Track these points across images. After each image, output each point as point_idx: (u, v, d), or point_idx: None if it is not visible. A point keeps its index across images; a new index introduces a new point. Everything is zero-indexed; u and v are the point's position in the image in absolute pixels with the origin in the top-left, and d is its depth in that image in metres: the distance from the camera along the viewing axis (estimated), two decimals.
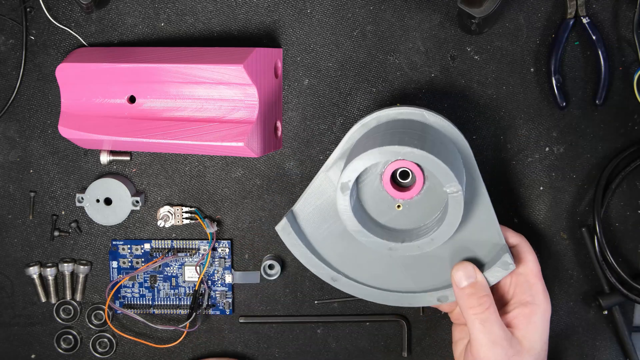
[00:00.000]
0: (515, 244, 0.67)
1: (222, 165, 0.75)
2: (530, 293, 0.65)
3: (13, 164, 0.75)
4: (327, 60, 0.72)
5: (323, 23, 0.72)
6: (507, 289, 0.67)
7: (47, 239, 0.76)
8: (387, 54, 0.72)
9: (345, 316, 0.77)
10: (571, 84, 0.72)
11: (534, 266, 0.66)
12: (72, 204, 0.76)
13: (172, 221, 0.75)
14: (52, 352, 0.78)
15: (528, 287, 0.65)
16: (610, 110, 0.72)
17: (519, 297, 0.65)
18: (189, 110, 0.68)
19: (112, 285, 0.76)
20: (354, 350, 0.78)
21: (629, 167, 0.72)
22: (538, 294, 0.65)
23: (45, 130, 0.74)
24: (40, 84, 0.73)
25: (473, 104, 0.72)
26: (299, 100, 0.73)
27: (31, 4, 0.72)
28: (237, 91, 0.67)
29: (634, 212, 0.74)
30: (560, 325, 0.76)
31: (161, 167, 0.75)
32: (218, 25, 0.72)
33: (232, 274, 0.76)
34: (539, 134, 0.73)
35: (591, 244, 0.73)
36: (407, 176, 0.63)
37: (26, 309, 0.78)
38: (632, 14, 0.70)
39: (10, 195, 0.75)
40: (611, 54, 0.71)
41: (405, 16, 0.71)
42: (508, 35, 0.71)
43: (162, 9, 0.72)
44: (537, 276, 0.66)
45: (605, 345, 0.76)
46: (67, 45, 0.73)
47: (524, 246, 0.67)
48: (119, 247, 0.76)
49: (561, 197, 0.74)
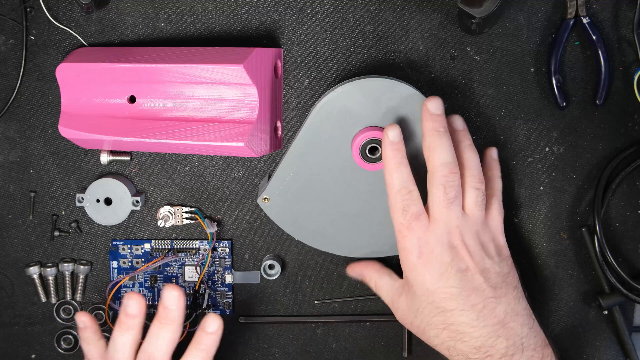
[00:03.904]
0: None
1: (222, 165, 0.75)
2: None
3: (13, 164, 0.75)
4: (327, 60, 0.72)
5: (323, 23, 0.72)
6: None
7: (47, 239, 0.76)
8: (387, 54, 0.72)
9: (345, 316, 0.77)
10: (571, 84, 0.72)
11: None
12: (72, 204, 0.76)
13: (172, 221, 0.75)
14: (52, 352, 0.78)
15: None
16: (610, 110, 0.72)
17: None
18: (189, 110, 0.68)
19: (112, 285, 0.76)
20: (354, 350, 0.78)
21: (629, 167, 0.72)
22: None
23: (45, 130, 0.74)
24: (40, 84, 0.73)
25: (473, 104, 0.73)
26: (299, 100, 0.73)
27: (31, 4, 0.72)
28: (237, 91, 0.67)
29: (634, 212, 0.74)
30: (560, 325, 0.76)
31: (161, 167, 0.75)
32: (218, 25, 0.72)
33: (232, 274, 0.76)
34: (539, 134, 0.73)
35: (591, 244, 0.73)
36: (376, 151, 0.67)
37: (26, 309, 0.78)
38: (632, 14, 0.70)
39: (10, 195, 0.75)
40: (611, 54, 0.71)
41: (405, 16, 0.71)
42: (508, 35, 0.71)
43: (162, 9, 0.72)
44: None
45: (605, 345, 0.76)
46: (67, 45, 0.73)
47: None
48: (119, 247, 0.76)
49: (561, 197, 0.74)
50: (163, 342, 0.64)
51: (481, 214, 0.66)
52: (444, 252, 0.63)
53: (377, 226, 0.71)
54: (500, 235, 0.68)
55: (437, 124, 0.64)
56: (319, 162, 0.68)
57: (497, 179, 0.70)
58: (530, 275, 0.75)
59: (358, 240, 0.71)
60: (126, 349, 0.64)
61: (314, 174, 0.69)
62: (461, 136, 0.67)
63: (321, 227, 0.71)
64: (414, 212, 0.64)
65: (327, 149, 0.68)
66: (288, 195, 0.69)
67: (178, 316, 0.64)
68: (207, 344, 0.65)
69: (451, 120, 0.68)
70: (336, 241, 0.72)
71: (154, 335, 0.64)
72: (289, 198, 0.70)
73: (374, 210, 0.70)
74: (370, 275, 0.71)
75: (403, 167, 0.64)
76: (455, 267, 0.63)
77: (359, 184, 0.69)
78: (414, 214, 0.64)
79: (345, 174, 0.69)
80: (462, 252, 0.64)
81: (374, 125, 0.66)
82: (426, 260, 0.64)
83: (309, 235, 0.72)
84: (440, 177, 0.63)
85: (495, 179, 0.70)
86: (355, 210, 0.70)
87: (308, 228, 0.71)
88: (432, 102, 0.64)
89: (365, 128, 0.66)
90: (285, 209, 0.70)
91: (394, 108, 0.66)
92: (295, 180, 0.69)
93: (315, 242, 0.72)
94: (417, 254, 0.64)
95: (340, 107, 0.66)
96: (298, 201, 0.70)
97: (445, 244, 0.63)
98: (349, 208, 0.70)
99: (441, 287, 0.63)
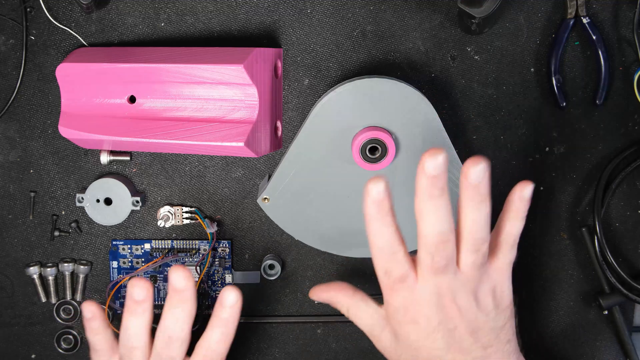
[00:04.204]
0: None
1: (222, 165, 0.75)
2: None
3: (13, 164, 0.75)
4: (327, 60, 0.72)
5: (323, 23, 0.72)
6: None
7: (47, 239, 0.76)
8: (387, 54, 0.72)
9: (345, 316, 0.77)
10: (571, 84, 0.72)
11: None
12: (72, 204, 0.76)
13: (172, 221, 0.75)
14: (52, 352, 0.78)
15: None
16: (610, 110, 0.72)
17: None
18: (189, 110, 0.68)
19: (112, 285, 0.76)
20: (354, 350, 0.78)
21: (629, 167, 0.72)
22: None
23: (45, 130, 0.74)
24: (40, 84, 0.73)
25: (473, 104, 0.73)
26: (299, 100, 0.73)
27: (31, 4, 0.72)
28: (237, 91, 0.67)
29: (634, 212, 0.74)
30: (560, 325, 0.76)
31: (161, 167, 0.75)
32: (218, 25, 0.72)
33: (232, 274, 0.76)
34: (539, 134, 0.73)
35: (591, 244, 0.73)
36: (376, 151, 0.66)
37: (26, 309, 0.78)
38: (632, 14, 0.70)
39: (10, 195, 0.75)
40: (611, 54, 0.71)
41: (405, 16, 0.71)
42: (508, 35, 0.71)
43: (162, 9, 0.72)
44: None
45: (605, 345, 0.76)
46: (67, 45, 0.73)
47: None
48: (119, 247, 0.76)
49: (561, 197, 0.74)
50: (180, 321, 0.61)
51: (480, 272, 0.59)
52: (431, 314, 0.58)
53: None
54: (505, 282, 0.61)
55: (432, 187, 0.55)
56: (319, 162, 0.68)
57: (517, 223, 0.60)
58: (530, 275, 0.75)
59: (358, 240, 0.71)
60: (141, 334, 0.62)
61: (314, 174, 0.69)
62: (472, 193, 0.56)
63: (321, 227, 0.71)
64: (398, 276, 0.58)
65: (327, 149, 0.68)
66: (288, 195, 0.69)
67: (190, 294, 0.61)
68: (227, 318, 0.62)
69: (467, 172, 0.56)
70: (336, 241, 0.72)
71: (170, 316, 0.62)
72: (289, 198, 0.70)
73: None
74: (343, 302, 0.64)
75: (386, 227, 0.57)
76: (443, 329, 0.59)
77: (359, 184, 0.69)
78: (397, 277, 0.58)
79: (345, 174, 0.69)
80: (452, 312, 0.58)
81: (374, 125, 0.66)
82: (412, 319, 0.59)
83: (309, 235, 0.72)
84: (430, 246, 0.57)
85: (515, 223, 0.60)
86: (355, 210, 0.70)
87: (308, 228, 0.71)
88: (430, 161, 0.54)
89: (365, 128, 0.66)
90: (285, 209, 0.70)
91: (394, 108, 0.66)
92: (295, 180, 0.69)
93: (315, 242, 0.72)
94: (403, 312, 0.59)
95: (340, 107, 0.66)
96: (298, 201, 0.70)
97: (434, 306, 0.58)
98: (349, 208, 0.70)
99: (427, 346, 0.59)
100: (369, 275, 0.76)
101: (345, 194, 0.69)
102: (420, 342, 0.60)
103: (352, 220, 0.70)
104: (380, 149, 0.66)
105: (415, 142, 0.67)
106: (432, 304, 0.58)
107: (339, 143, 0.67)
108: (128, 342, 0.63)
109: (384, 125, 0.66)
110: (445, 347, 0.59)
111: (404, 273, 0.58)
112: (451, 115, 0.72)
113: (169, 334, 0.62)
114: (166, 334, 0.62)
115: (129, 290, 0.61)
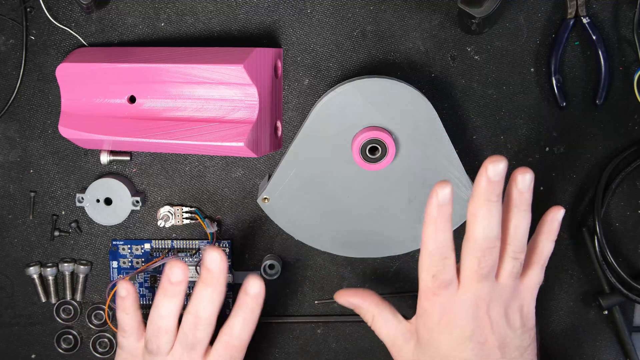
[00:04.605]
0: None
1: (222, 165, 0.75)
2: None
3: (13, 164, 0.75)
4: (327, 60, 0.72)
5: (323, 23, 0.72)
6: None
7: (47, 239, 0.76)
8: (387, 54, 0.72)
9: (345, 316, 0.77)
10: (571, 84, 0.72)
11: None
12: (72, 204, 0.76)
13: (172, 221, 0.75)
14: (52, 352, 0.78)
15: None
16: (610, 110, 0.72)
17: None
18: (189, 110, 0.68)
19: (112, 285, 0.76)
20: (354, 350, 0.78)
21: (629, 167, 0.72)
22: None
23: (45, 130, 0.74)
24: (40, 84, 0.73)
25: (473, 104, 0.73)
26: (299, 100, 0.73)
27: (31, 4, 0.72)
28: (237, 91, 0.67)
29: (634, 212, 0.74)
30: (560, 325, 0.76)
31: (161, 167, 0.75)
32: (218, 25, 0.72)
33: (232, 274, 0.76)
34: (539, 134, 0.73)
35: (591, 244, 0.73)
36: (376, 151, 0.66)
37: (26, 309, 0.78)
38: (632, 14, 0.70)
39: (10, 195, 0.75)
40: (611, 54, 0.71)
41: (405, 16, 0.71)
42: (508, 35, 0.71)
43: (162, 9, 0.72)
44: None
45: (605, 345, 0.76)
46: (67, 45, 0.73)
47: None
48: (119, 247, 0.76)
49: (561, 197, 0.74)
50: (208, 303, 0.62)
51: (514, 283, 0.61)
52: (466, 324, 0.60)
53: (377, 226, 0.71)
54: (531, 304, 0.63)
55: (490, 193, 0.57)
56: (319, 162, 0.68)
57: (548, 244, 0.63)
58: None
59: (358, 240, 0.71)
60: (171, 315, 0.62)
61: (314, 174, 0.69)
62: (519, 200, 0.59)
63: (321, 227, 0.71)
64: (444, 280, 0.60)
65: (327, 149, 0.68)
66: (288, 195, 0.69)
67: (221, 278, 0.61)
68: (250, 306, 0.63)
69: (517, 179, 0.59)
70: (336, 241, 0.72)
71: (199, 297, 0.62)
72: (289, 198, 0.70)
73: (374, 210, 0.70)
74: (368, 309, 0.66)
75: (443, 231, 0.58)
76: (474, 340, 0.60)
77: (359, 184, 0.69)
78: (442, 282, 0.60)
79: (345, 174, 0.69)
80: (484, 324, 0.60)
81: (374, 125, 0.66)
82: (446, 326, 0.60)
83: (309, 235, 0.72)
84: (478, 251, 0.59)
85: (546, 244, 0.63)
86: (355, 210, 0.70)
87: (308, 228, 0.71)
88: (493, 166, 0.57)
89: (365, 128, 0.66)
90: (285, 209, 0.70)
91: (394, 108, 0.66)
92: (295, 180, 0.69)
93: (315, 242, 0.72)
94: (438, 318, 0.60)
95: (340, 107, 0.66)
96: (298, 201, 0.70)
97: (470, 315, 0.60)
98: (349, 208, 0.70)
99: (456, 355, 0.60)
100: (369, 275, 0.76)
101: (345, 194, 0.69)
102: (450, 351, 0.61)
103: (352, 220, 0.70)
104: (380, 149, 0.66)
105: (415, 142, 0.67)
106: (469, 313, 0.60)
107: (339, 143, 0.67)
108: (159, 322, 0.63)
109: (384, 125, 0.66)
110: (474, 359, 0.60)
111: (450, 279, 0.60)
112: (451, 115, 0.72)
113: (199, 314, 0.62)
114: (195, 313, 0.62)
115: (166, 270, 0.61)
